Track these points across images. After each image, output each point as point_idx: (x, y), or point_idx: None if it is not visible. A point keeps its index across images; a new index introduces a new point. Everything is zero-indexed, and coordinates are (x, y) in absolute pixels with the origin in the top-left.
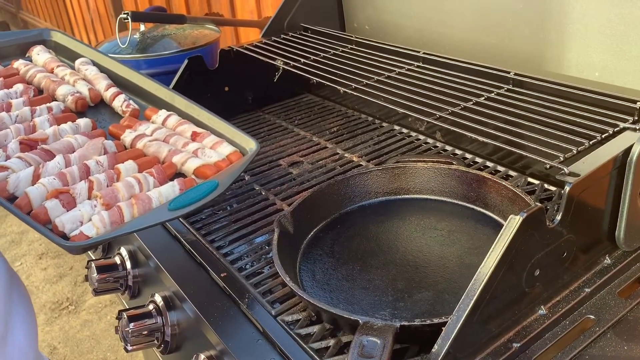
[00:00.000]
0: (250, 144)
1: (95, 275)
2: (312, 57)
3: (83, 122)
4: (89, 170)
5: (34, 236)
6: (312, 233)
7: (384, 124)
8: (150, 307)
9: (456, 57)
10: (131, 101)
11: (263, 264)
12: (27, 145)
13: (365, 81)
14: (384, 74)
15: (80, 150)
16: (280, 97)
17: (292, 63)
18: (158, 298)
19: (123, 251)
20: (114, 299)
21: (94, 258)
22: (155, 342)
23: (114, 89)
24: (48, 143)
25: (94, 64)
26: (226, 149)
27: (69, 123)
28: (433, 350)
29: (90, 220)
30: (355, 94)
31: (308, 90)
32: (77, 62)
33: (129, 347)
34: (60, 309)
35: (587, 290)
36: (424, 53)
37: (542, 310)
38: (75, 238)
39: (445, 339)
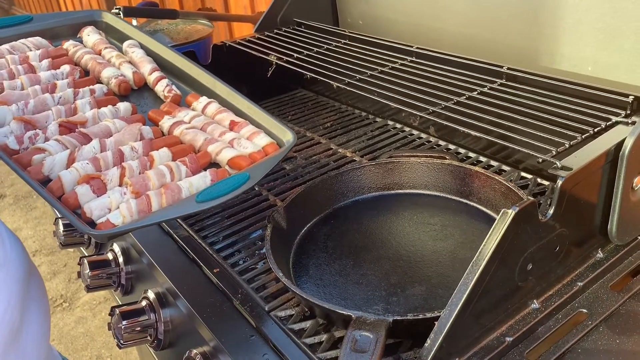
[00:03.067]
0: (287, 136)
1: (87, 271)
2: (306, 52)
3: (123, 106)
4: (123, 156)
5: (28, 233)
6: (305, 228)
7: (378, 119)
8: (143, 303)
9: (449, 51)
10: (174, 86)
11: (256, 260)
12: (66, 127)
13: (358, 76)
14: (377, 69)
15: (117, 135)
16: (273, 93)
17: (285, 58)
18: (151, 294)
19: (116, 247)
20: (108, 296)
21: (86, 254)
22: (149, 338)
23: (157, 73)
24: (87, 126)
25: (142, 46)
26: (262, 140)
27: (109, 107)
28: (426, 344)
29: (118, 208)
30: (348, 89)
31: (301, 85)
32: (125, 44)
33: (122, 344)
34: (54, 306)
35: (580, 284)
36: (417, 48)
37: (535, 304)
38: (102, 226)
39: (438, 333)
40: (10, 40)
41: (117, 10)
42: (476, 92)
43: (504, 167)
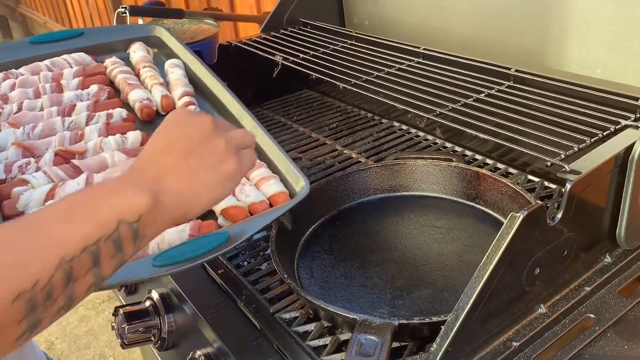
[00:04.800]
0: (299, 184)
1: None
2: (312, 52)
3: (132, 135)
4: None
5: None
6: (310, 230)
7: (384, 120)
8: (147, 304)
9: (457, 53)
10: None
11: (261, 261)
12: (62, 157)
13: (364, 77)
14: (384, 70)
15: (108, 170)
16: (279, 93)
17: (291, 58)
18: (155, 295)
19: None
20: (111, 295)
21: None
22: (152, 339)
23: (187, 98)
24: (86, 156)
25: (185, 66)
26: (271, 188)
27: (117, 136)
28: (432, 348)
29: None
30: (354, 89)
31: (307, 86)
32: (167, 63)
33: (126, 344)
34: None
35: (587, 288)
36: (424, 49)
37: (542, 309)
38: None
39: (444, 338)
40: (60, 54)
41: (123, 9)
42: (484, 94)
43: (511, 170)
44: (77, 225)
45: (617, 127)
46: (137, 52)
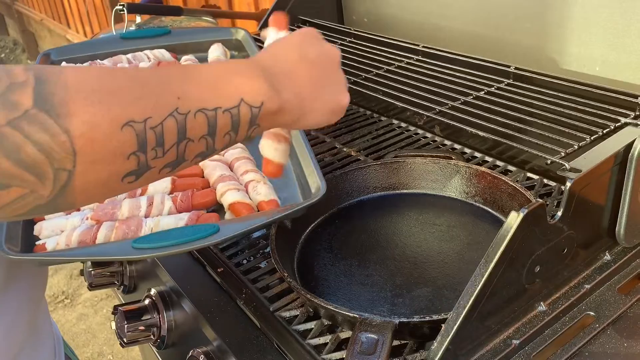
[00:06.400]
0: (315, 185)
1: (91, 269)
2: None
3: None
4: None
5: None
6: (310, 228)
7: (383, 118)
8: (147, 302)
9: (456, 50)
10: None
11: (260, 259)
12: None
13: (363, 75)
14: (383, 68)
15: None
16: None
17: None
18: (154, 293)
19: None
20: (110, 293)
21: None
22: (152, 337)
23: None
24: None
25: None
26: (259, 196)
27: None
28: (432, 347)
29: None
30: (353, 87)
31: None
32: None
33: (125, 343)
34: (56, 302)
35: (587, 286)
36: (423, 46)
37: (542, 307)
38: (37, 248)
39: (445, 336)
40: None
41: (120, 7)
42: (483, 92)
43: (510, 168)
44: (198, 87)
45: (616, 124)
46: (214, 52)
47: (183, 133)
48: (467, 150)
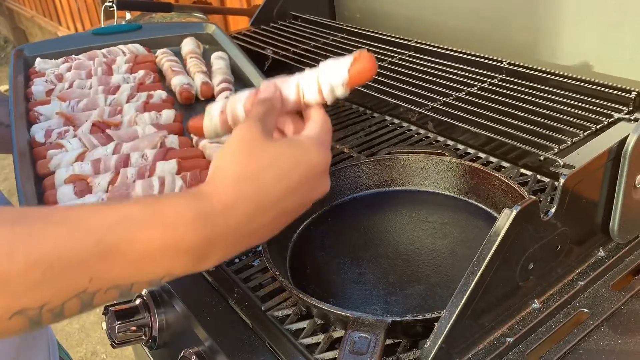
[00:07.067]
0: None
1: None
2: (302, 46)
3: (166, 114)
4: (129, 162)
5: None
6: (302, 226)
7: (375, 115)
8: (138, 302)
9: (448, 46)
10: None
11: (252, 258)
12: (99, 127)
13: None
14: None
15: (136, 141)
16: None
17: (281, 52)
18: (145, 293)
19: None
20: None
21: None
22: (143, 337)
23: (225, 84)
24: (120, 129)
25: (230, 60)
26: None
27: (152, 113)
28: (425, 345)
29: None
30: None
31: None
32: (213, 56)
33: (116, 343)
34: None
35: (581, 283)
36: (415, 42)
37: (536, 304)
38: None
39: (438, 335)
40: (118, 45)
41: (110, 3)
42: (476, 88)
43: (504, 164)
44: (119, 265)
45: (610, 120)
46: (187, 45)
47: (88, 306)
48: (461, 147)
